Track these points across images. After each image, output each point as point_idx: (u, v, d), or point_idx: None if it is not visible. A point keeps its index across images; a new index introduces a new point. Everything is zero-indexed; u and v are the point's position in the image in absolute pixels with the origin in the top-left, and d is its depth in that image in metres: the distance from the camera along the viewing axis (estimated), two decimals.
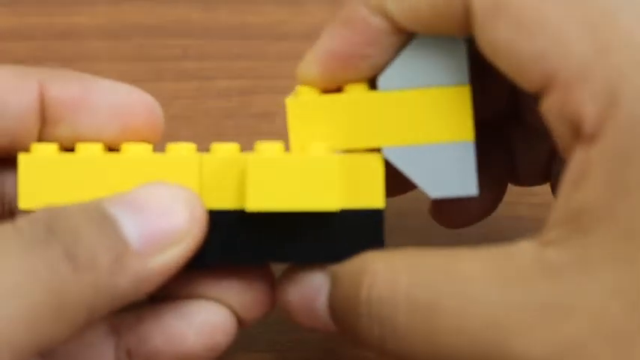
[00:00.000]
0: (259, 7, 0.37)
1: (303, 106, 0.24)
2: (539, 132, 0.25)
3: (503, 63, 0.20)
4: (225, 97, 0.35)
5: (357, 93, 0.23)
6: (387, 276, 0.20)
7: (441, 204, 0.26)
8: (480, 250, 0.20)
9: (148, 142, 0.24)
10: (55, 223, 0.20)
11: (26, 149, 0.24)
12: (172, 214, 0.21)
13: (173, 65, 0.36)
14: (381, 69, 0.23)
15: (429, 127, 0.23)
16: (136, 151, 0.24)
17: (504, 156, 0.27)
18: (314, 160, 0.22)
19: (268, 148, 0.23)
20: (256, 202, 0.23)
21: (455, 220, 0.27)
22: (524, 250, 0.19)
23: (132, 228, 0.21)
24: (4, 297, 0.18)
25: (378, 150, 0.23)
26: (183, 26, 0.37)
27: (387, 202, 0.24)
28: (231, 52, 0.37)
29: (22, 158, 0.24)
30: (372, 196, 0.23)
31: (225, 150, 0.24)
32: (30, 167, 0.24)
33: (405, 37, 0.23)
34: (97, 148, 0.24)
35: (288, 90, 0.35)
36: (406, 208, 0.30)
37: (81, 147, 0.24)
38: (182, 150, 0.24)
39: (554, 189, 0.26)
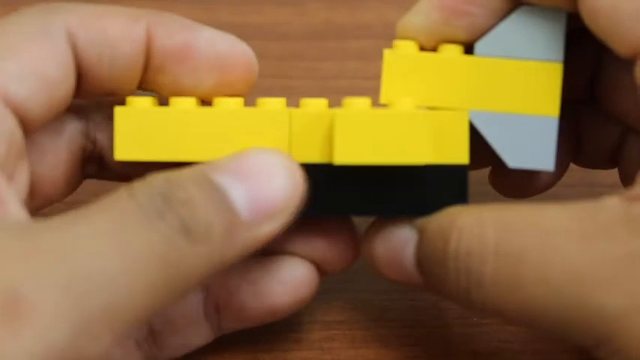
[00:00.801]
0: (259, 7, 0.37)
1: (400, 59, 0.25)
2: (612, 118, 0.26)
3: (603, 25, 0.21)
4: None
5: (453, 54, 0.24)
6: (475, 230, 0.21)
7: (503, 173, 0.26)
8: (565, 205, 0.21)
9: (241, 94, 0.25)
10: (170, 194, 0.20)
11: (127, 95, 0.24)
12: (277, 184, 0.22)
13: None
14: (481, 32, 0.24)
15: (517, 97, 0.24)
16: (228, 105, 0.24)
17: (572, 136, 0.27)
18: (403, 114, 0.23)
19: (357, 103, 0.24)
20: (344, 156, 0.23)
21: (512, 191, 0.28)
22: (610, 205, 0.20)
23: (240, 198, 0.21)
24: (124, 273, 0.18)
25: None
26: None
27: None
28: None
29: (118, 111, 0.24)
30: (457, 152, 0.24)
31: (314, 105, 0.24)
32: (126, 120, 0.24)
33: (510, 4, 0.24)
34: (190, 102, 0.24)
35: (287, 90, 0.35)
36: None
37: (175, 100, 0.24)
38: (273, 104, 0.24)
39: (622, 174, 0.27)
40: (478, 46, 0.24)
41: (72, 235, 0.19)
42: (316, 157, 0.24)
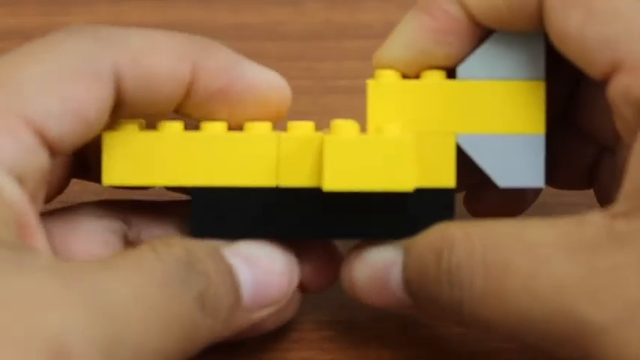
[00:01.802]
0: (259, 7, 0.38)
1: (383, 88, 0.25)
2: (587, 137, 0.26)
3: (573, 49, 0.22)
4: None
5: (436, 80, 0.24)
6: (464, 243, 0.21)
7: (479, 197, 0.27)
8: (549, 220, 0.21)
9: (272, 121, 0.25)
10: (191, 264, 0.21)
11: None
12: (279, 278, 0.24)
13: None
14: (458, 60, 0.24)
15: (502, 117, 0.24)
16: (215, 130, 0.25)
17: (546, 157, 0.27)
18: (389, 141, 0.23)
19: (344, 127, 0.24)
20: (333, 183, 0.24)
21: (484, 212, 0.28)
22: (594, 220, 0.20)
23: (246, 283, 0.22)
24: (150, 332, 0.19)
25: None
26: (183, 26, 0.37)
27: None
28: None
29: (106, 136, 0.24)
30: (444, 175, 0.24)
31: (301, 128, 0.25)
32: (114, 144, 0.25)
33: (483, 31, 0.24)
34: (177, 126, 0.25)
35: None
36: None
37: (163, 125, 0.25)
38: (260, 129, 0.25)
39: (598, 193, 0.27)
40: (460, 70, 0.24)
41: (105, 287, 0.19)
42: (304, 182, 0.25)
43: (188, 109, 0.24)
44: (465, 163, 0.25)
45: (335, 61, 0.37)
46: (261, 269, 0.23)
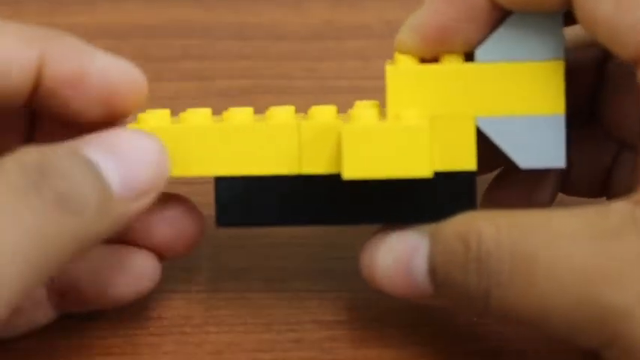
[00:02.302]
0: (259, 7, 0.38)
1: (401, 74, 0.25)
2: (607, 135, 0.26)
3: (603, 34, 0.22)
4: (227, 97, 0.36)
5: (454, 64, 0.25)
6: (492, 233, 0.22)
7: (499, 186, 0.28)
8: (574, 209, 0.22)
9: (125, 115, 0.26)
10: (47, 168, 0.21)
11: (8, 113, 0.25)
12: (147, 162, 0.23)
13: (173, 65, 0.37)
14: (476, 44, 0.25)
15: (522, 99, 0.24)
16: (238, 120, 0.25)
17: None
18: (405, 128, 0.23)
19: (363, 114, 0.24)
20: (352, 171, 0.24)
21: (507, 203, 0.28)
22: (618, 208, 0.21)
23: (113, 174, 0.22)
24: (4, 232, 0.19)
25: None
26: (183, 26, 0.38)
27: None
28: (231, 52, 0.37)
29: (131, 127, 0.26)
30: (465, 158, 0.25)
31: (322, 114, 0.25)
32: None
33: (502, 13, 0.24)
34: (199, 117, 0.26)
35: (287, 90, 0.35)
36: None
37: (185, 116, 0.26)
38: (282, 115, 0.25)
39: (614, 193, 0.27)
40: (478, 53, 0.25)
41: None
42: (325, 168, 0.25)
43: (40, 100, 0.24)
44: (486, 145, 0.25)
45: (335, 61, 0.37)
46: (127, 159, 0.23)
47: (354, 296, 0.30)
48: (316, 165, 0.25)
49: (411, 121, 0.24)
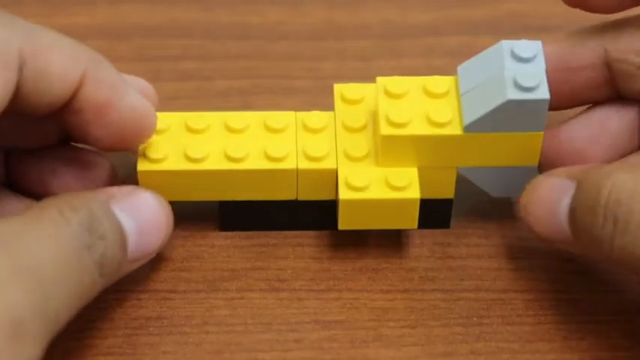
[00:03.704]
0: (259, 7, 0.38)
1: (399, 138, 0.29)
2: None
3: None
4: (226, 97, 0.36)
5: (444, 134, 0.29)
6: (629, 184, 0.24)
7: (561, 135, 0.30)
8: None
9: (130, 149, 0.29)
10: (93, 227, 0.24)
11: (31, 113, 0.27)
12: (159, 232, 0.27)
13: (173, 65, 0.37)
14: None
15: (501, 156, 0.29)
16: (247, 165, 0.29)
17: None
18: (401, 201, 0.29)
19: (357, 157, 0.29)
20: (346, 225, 0.30)
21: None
22: None
23: (132, 239, 0.26)
24: (61, 286, 0.22)
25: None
26: (183, 26, 0.38)
27: None
28: (231, 52, 0.37)
29: (142, 174, 0.29)
30: (446, 191, 0.30)
31: (318, 151, 0.29)
32: (149, 178, 0.30)
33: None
34: (212, 158, 0.29)
35: (287, 90, 0.36)
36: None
37: (200, 120, 0.30)
38: (284, 160, 0.29)
39: None
40: (467, 127, 0.28)
41: (32, 255, 0.22)
42: (319, 196, 0.30)
43: (61, 115, 0.26)
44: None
45: (335, 61, 0.38)
46: (144, 222, 0.26)
47: (354, 296, 0.31)
48: (310, 194, 0.30)
49: (406, 194, 0.29)
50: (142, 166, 0.29)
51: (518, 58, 0.29)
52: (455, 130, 0.29)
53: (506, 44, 0.29)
